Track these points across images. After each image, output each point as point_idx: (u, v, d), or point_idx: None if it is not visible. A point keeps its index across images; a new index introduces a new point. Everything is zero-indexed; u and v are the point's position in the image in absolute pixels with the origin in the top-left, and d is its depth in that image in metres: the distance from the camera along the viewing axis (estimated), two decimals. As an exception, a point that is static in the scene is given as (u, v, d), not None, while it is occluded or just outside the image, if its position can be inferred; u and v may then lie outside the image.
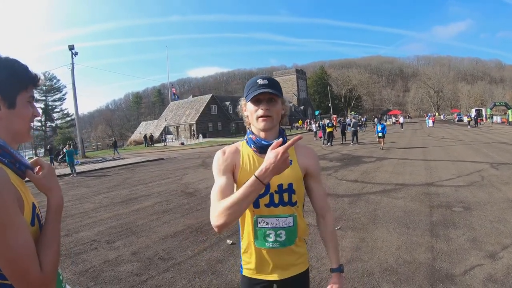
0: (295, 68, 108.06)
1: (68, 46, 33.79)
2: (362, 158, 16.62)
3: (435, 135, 31.02)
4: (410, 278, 4.14)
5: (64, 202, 1.39)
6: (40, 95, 78.55)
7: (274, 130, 1.85)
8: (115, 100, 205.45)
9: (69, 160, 18.21)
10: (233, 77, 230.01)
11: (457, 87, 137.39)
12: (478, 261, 4.49)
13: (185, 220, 7.33)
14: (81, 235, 6.67)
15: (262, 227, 1.79)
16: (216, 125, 64.12)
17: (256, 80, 1.80)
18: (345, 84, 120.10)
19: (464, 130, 38.28)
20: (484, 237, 5.35)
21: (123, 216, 8.01)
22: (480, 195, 8.08)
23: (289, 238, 1.81)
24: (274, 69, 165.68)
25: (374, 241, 5.49)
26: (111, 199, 10.29)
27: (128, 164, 21.91)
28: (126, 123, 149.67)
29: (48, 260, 1.18)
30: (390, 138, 29.36)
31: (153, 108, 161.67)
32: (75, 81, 34.95)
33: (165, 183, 12.79)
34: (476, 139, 24.44)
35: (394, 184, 9.95)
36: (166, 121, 65.75)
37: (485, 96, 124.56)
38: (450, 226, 6.00)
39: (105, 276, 4.60)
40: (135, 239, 6.22)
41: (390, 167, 13.34)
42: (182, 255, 5.24)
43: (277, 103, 1.81)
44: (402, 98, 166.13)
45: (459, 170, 11.63)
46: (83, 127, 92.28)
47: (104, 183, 14.14)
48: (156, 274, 4.58)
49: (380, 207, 7.51)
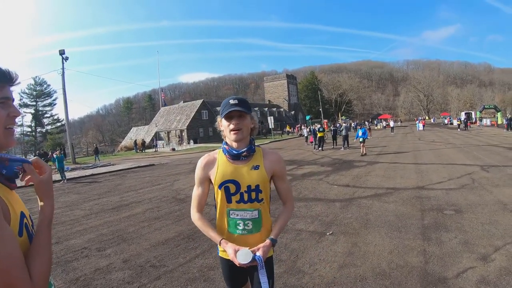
0: (286, 73, 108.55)
1: (59, 51, 33.58)
2: (354, 163, 16.66)
3: (426, 139, 31.24)
4: (403, 282, 4.14)
5: (54, 209, 1.37)
6: (31, 100, 78.26)
7: (244, 141, 2.24)
8: (105, 105, 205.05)
9: (59, 166, 18.07)
10: (224, 82, 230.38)
11: (447, 90, 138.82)
12: (471, 263, 4.51)
13: (176, 227, 7.29)
14: (71, 242, 6.60)
15: (233, 218, 2.24)
16: (207, 131, 64.08)
17: (229, 101, 2.18)
18: (335, 89, 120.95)
19: (454, 133, 38.56)
20: (476, 240, 5.38)
21: (114, 223, 7.94)
22: (471, 198, 8.14)
23: (255, 227, 2.25)
24: (265, 74, 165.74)
25: (367, 245, 5.48)
26: (101, 205, 10.21)
27: (118, 170, 21.78)
28: (116, 129, 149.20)
29: (39, 270, 1.16)
30: (381, 142, 29.60)
31: (144, 114, 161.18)
32: (65, 86, 34.75)
33: (156, 189, 12.72)
34: (467, 142, 24.62)
35: (385, 188, 9.98)
36: (157, 127, 65.65)
37: (475, 99, 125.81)
38: (442, 229, 6.02)
39: (96, 284, 4.55)
40: (126, 246, 6.17)
41: (381, 171, 13.40)
42: (174, 263, 5.20)
43: (246, 119, 2.20)
44: (392, 102, 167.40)
45: (450, 173, 11.70)
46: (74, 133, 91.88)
47: (94, 189, 14.05)
48: (148, 282, 4.54)
49: (372, 212, 7.52)
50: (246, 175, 2.20)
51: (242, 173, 2.20)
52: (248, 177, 2.19)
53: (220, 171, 2.23)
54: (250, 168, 2.22)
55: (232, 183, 2.20)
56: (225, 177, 2.20)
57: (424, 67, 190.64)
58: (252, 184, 2.19)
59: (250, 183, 2.19)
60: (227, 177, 2.20)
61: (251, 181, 2.19)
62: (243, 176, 2.20)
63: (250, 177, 2.19)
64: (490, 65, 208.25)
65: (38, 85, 78.68)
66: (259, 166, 2.23)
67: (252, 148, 2.24)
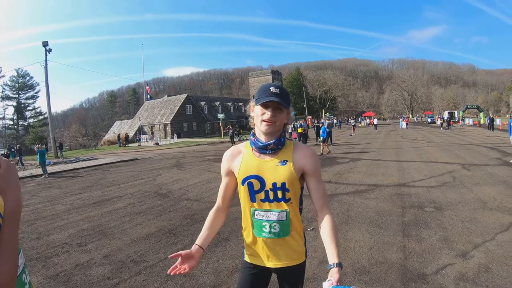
0: (271, 69, 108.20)
1: (42, 43, 32.98)
2: (336, 159, 16.79)
3: (408, 137, 31.62)
4: (382, 278, 4.21)
5: (36, 204, 1.32)
6: (13, 93, 76.95)
7: (275, 135, 2.02)
8: (89, 98, 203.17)
9: (41, 160, 17.83)
10: (209, 77, 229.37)
11: (431, 90, 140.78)
12: (450, 260, 4.60)
13: (158, 221, 7.28)
14: (52, 237, 6.55)
15: (259, 219, 2.01)
16: (191, 125, 63.92)
17: (269, 87, 1.96)
18: (320, 86, 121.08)
19: (437, 132, 39.16)
20: (456, 237, 5.48)
21: (95, 218, 7.89)
22: (451, 196, 8.29)
23: (283, 230, 1.99)
24: (250, 70, 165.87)
25: (347, 241, 5.55)
26: (83, 200, 10.13)
27: (101, 165, 21.56)
28: (100, 123, 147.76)
29: (3, 269, 1.08)
30: (364, 140, 29.80)
31: (128, 108, 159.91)
32: (48, 78, 34.24)
33: (138, 184, 12.67)
34: (449, 141, 25.01)
35: (367, 184, 10.11)
36: (140, 121, 65.20)
37: (458, 99, 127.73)
38: (422, 226, 6.13)
39: (76, 280, 4.54)
40: (107, 241, 6.15)
41: (363, 168, 13.54)
42: (155, 258, 5.20)
43: (283, 112, 1.98)
44: (376, 100, 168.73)
45: (431, 171, 11.90)
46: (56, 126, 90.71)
47: (76, 184, 13.91)
48: (128, 277, 4.55)
49: (353, 208, 7.61)
50: (272, 170, 1.97)
51: (268, 168, 1.98)
52: (274, 173, 1.96)
53: (244, 164, 2.03)
54: (277, 163, 1.98)
55: (256, 179, 1.98)
56: (248, 171, 2.00)
57: (409, 66, 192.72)
58: (278, 181, 1.95)
59: (275, 180, 1.96)
60: (250, 172, 1.99)
61: (277, 178, 1.95)
62: (268, 172, 1.97)
63: (276, 173, 1.96)
64: (474, 66, 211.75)
65: (20, 77, 77.56)
66: (287, 161, 1.98)
67: (281, 140, 2.01)
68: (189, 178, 13.17)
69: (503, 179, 9.96)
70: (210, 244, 5.70)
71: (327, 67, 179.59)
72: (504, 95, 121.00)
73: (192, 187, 11.10)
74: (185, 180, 12.70)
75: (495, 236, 5.46)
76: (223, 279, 4.35)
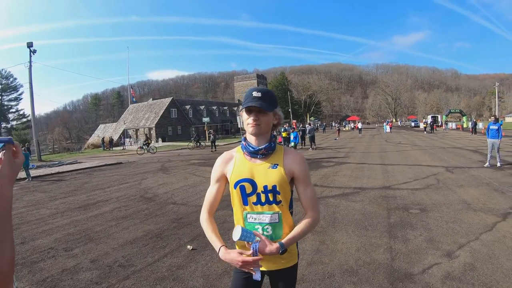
0: (256, 73, 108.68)
1: (27, 44, 32.37)
2: (321, 163, 16.91)
3: (392, 141, 31.97)
4: (370, 278, 4.27)
5: (20, 208, 1.35)
6: (-5, 94, 75.79)
7: (264, 137, 2.10)
8: (73, 101, 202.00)
9: (24, 164, 17.57)
10: (193, 80, 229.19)
11: (414, 94, 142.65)
12: (436, 260, 4.69)
13: (144, 226, 7.26)
14: (37, 242, 6.48)
15: (251, 222, 2.06)
16: (176, 129, 63.81)
17: (252, 92, 2.04)
18: (305, 90, 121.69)
19: (420, 135, 39.66)
20: (441, 237, 5.59)
21: (81, 222, 7.82)
22: (436, 197, 8.43)
23: (276, 232, 2.05)
24: (235, 74, 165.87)
25: (334, 243, 5.61)
26: (68, 204, 10.02)
27: (85, 168, 21.35)
28: (84, 126, 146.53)
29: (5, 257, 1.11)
30: (349, 144, 30.01)
31: (112, 111, 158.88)
32: (32, 80, 33.78)
33: (124, 188, 12.60)
34: (432, 145, 25.36)
35: (353, 188, 10.20)
36: (125, 124, 64.86)
37: (441, 103, 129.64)
38: (408, 227, 6.22)
39: (63, 285, 4.50)
40: (94, 246, 6.11)
41: (348, 171, 13.65)
42: (142, 262, 5.19)
43: (267, 114, 2.04)
44: (361, 104, 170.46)
45: (416, 174, 12.06)
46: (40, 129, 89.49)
47: (61, 188, 13.76)
48: (116, 282, 4.52)
49: (339, 210, 7.68)
50: (263, 174, 2.04)
51: (259, 172, 2.05)
52: (265, 176, 2.03)
53: (237, 168, 2.10)
54: (268, 166, 2.06)
55: (248, 182, 2.04)
56: (241, 175, 2.06)
57: (393, 71, 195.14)
58: (269, 184, 2.02)
59: (266, 183, 2.02)
60: (243, 176, 2.06)
61: (268, 181, 2.02)
62: (259, 175, 2.04)
63: (267, 176, 2.03)
64: (457, 71, 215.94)
65: (4, 78, 76.36)
66: (278, 165, 2.05)
67: (272, 145, 2.09)
68: (174, 182, 13.13)
69: (486, 181, 10.16)
70: (198, 247, 5.72)
71: (312, 72, 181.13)
72: (487, 99, 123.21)
73: (178, 191, 11.06)
74: (171, 184, 12.65)
75: (479, 236, 5.58)
76: (212, 282, 4.36)
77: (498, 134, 12.94)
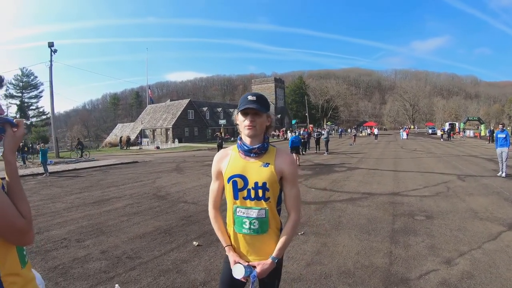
0: (274, 77, 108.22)
1: (48, 43, 32.96)
2: (334, 167, 16.93)
3: (408, 147, 31.65)
4: (365, 281, 4.35)
5: (36, 201, 1.70)
6: (16, 92, 76.85)
7: (258, 138, 2.26)
8: (92, 100, 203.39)
9: (43, 160, 18.01)
10: (212, 82, 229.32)
11: (433, 101, 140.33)
12: (434, 266, 4.73)
13: (154, 222, 7.46)
14: (52, 233, 6.74)
15: (240, 216, 2.24)
16: (193, 130, 63.91)
17: (247, 97, 2.21)
18: (322, 95, 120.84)
19: (437, 143, 39.25)
20: (443, 244, 5.61)
21: (94, 217, 8.08)
22: (443, 205, 8.42)
23: (262, 227, 2.23)
24: (254, 77, 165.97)
25: (335, 246, 5.70)
26: (83, 199, 10.31)
27: (102, 166, 21.74)
28: (102, 124, 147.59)
29: (25, 209, 1.47)
30: (364, 149, 29.84)
31: (130, 110, 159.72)
32: (52, 79, 34.43)
33: (138, 185, 12.84)
34: (447, 152, 25.14)
35: (361, 193, 10.24)
36: (142, 124, 65.35)
37: (460, 110, 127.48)
38: (411, 233, 6.26)
39: (73, 272, 4.73)
40: (105, 238, 6.34)
41: (359, 176, 13.68)
42: (149, 255, 5.39)
43: (261, 117, 2.22)
44: (378, 110, 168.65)
45: (426, 181, 12.02)
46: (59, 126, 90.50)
47: (77, 183, 14.09)
48: (123, 271, 4.73)
49: (345, 215, 7.75)
50: (255, 171, 2.21)
51: (251, 169, 2.22)
52: (257, 174, 2.20)
53: (231, 164, 2.27)
54: (260, 165, 2.23)
55: (240, 178, 2.22)
56: (234, 171, 2.24)
57: (412, 77, 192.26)
58: (259, 181, 2.19)
59: (257, 180, 2.19)
60: (236, 171, 2.23)
61: (259, 177, 2.19)
62: (251, 172, 2.22)
63: (259, 173, 2.20)
64: (477, 78, 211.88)
65: (25, 76, 77.34)
66: (269, 164, 2.23)
67: (265, 146, 2.26)
68: (187, 182, 13.35)
69: (497, 190, 10.11)
70: (204, 244, 5.92)
71: (330, 76, 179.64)
72: (506, 107, 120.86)
73: (190, 191, 11.28)
74: (184, 184, 12.88)
75: (482, 244, 5.57)
76: (213, 276, 4.52)
77: (506, 142, 12.81)
